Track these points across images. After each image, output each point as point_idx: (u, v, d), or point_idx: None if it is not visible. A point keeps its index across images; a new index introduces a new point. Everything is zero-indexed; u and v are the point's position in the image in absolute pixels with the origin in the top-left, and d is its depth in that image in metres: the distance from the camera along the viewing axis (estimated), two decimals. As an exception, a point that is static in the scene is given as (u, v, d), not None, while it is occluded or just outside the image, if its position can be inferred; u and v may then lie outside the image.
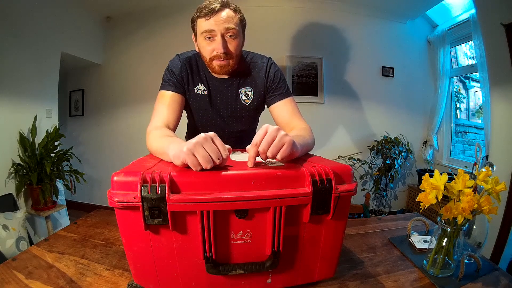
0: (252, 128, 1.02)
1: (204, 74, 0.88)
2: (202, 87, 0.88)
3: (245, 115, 0.93)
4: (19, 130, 1.95)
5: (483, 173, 0.58)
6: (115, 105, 2.91)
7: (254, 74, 0.89)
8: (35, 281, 0.58)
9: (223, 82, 0.88)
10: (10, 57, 1.92)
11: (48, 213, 2.01)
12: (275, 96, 0.88)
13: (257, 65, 0.89)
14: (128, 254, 0.51)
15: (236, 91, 0.89)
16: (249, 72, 0.89)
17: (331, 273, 0.60)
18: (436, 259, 0.63)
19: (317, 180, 0.49)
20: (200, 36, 0.78)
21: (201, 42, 0.79)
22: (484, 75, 2.09)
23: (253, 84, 0.89)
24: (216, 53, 0.76)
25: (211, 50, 0.77)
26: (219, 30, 0.74)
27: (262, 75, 0.89)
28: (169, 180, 0.44)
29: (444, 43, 2.69)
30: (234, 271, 0.50)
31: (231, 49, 0.77)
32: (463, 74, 2.78)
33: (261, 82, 0.89)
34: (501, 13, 1.72)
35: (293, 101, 0.89)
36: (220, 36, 0.75)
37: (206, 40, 0.77)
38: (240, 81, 0.89)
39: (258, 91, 0.90)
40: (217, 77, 0.88)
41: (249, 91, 0.89)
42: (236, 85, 0.89)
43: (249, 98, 0.90)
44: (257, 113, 0.98)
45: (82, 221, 0.94)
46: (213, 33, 0.75)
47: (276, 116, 0.89)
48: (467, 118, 2.88)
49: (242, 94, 0.90)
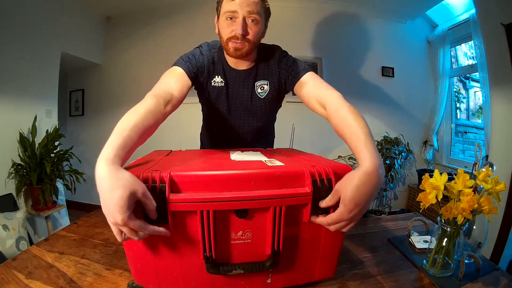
0: (269, 124, 1.01)
1: (222, 65, 0.87)
2: (219, 79, 0.87)
3: (260, 108, 0.92)
4: (19, 130, 1.95)
5: (483, 173, 0.58)
6: (115, 105, 2.91)
7: (271, 66, 0.88)
8: (35, 281, 0.58)
9: (239, 74, 0.87)
10: (10, 57, 1.92)
11: (48, 213, 2.01)
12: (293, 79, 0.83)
13: (272, 57, 0.88)
14: (128, 254, 0.51)
15: (252, 83, 0.88)
16: (267, 64, 0.88)
17: (331, 273, 0.60)
18: (436, 259, 0.63)
19: (317, 180, 0.49)
20: (222, 16, 0.77)
21: (222, 22, 0.78)
22: (484, 75, 2.09)
23: (269, 77, 0.89)
24: (234, 33, 0.75)
25: (230, 30, 0.76)
26: (241, 12, 0.73)
27: (275, 69, 0.88)
28: (169, 180, 0.44)
29: (444, 43, 2.69)
30: (234, 271, 0.50)
31: (251, 33, 0.76)
32: (463, 74, 2.78)
33: (276, 76, 0.89)
34: (501, 13, 1.72)
35: (313, 75, 0.82)
36: (241, 18, 0.74)
37: (227, 20, 0.76)
38: (257, 74, 0.88)
39: (273, 84, 0.89)
40: (234, 68, 0.87)
41: (265, 84, 0.89)
42: (253, 78, 0.88)
43: (265, 91, 0.89)
44: (272, 108, 0.96)
45: (82, 221, 0.94)
46: (235, 14, 0.74)
47: (303, 97, 0.81)
48: (467, 118, 2.88)
49: (258, 87, 0.89)
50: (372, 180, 0.47)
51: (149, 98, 0.62)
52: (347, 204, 0.47)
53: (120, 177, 0.41)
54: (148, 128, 0.54)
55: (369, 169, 0.47)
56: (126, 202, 0.39)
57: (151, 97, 0.62)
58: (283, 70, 0.86)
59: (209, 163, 0.58)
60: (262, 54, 0.88)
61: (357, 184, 0.46)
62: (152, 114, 0.57)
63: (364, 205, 0.48)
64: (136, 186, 0.41)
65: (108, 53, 2.92)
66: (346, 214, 0.47)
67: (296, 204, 0.49)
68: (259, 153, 0.71)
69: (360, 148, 0.52)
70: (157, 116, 0.59)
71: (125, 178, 0.41)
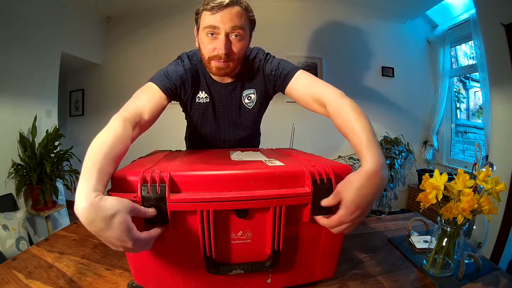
0: (257, 129, 0.98)
1: (205, 80, 0.81)
2: (204, 95, 0.82)
3: (249, 119, 0.88)
4: (19, 130, 1.95)
5: (483, 173, 0.58)
6: (115, 105, 2.87)
7: (256, 73, 0.83)
8: (35, 281, 0.58)
9: (225, 87, 0.82)
10: (11, 57, 1.91)
11: (48, 213, 2.01)
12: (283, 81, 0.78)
13: (255, 64, 0.83)
14: (128, 254, 0.51)
15: (239, 94, 0.84)
16: (252, 72, 0.82)
17: (331, 273, 0.60)
18: (436, 259, 0.63)
19: (317, 180, 0.49)
20: (203, 31, 0.70)
21: (203, 37, 0.71)
22: (484, 75, 2.09)
23: (255, 85, 0.84)
24: (216, 53, 0.69)
25: (212, 48, 0.70)
26: (224, 28, 0.67)
27: (260, 76, 0.83)
28: (169, 180, 0.44)
29: (444, 43, 2.69)
30: (234, 271, 0.50)
31: (234, 50, 0.70)
32: (463, 74, 2.78)
33: (261, 83, 0.84)
34: (501, 13, 1.72)
35: (304, 73, 0.76)
36: (224, 35, 0.67)
37: (208, 36, 0.69)
38: (243, 84, 0.83)
39: (260, 92, 0.85)
40: (219, 82, 0.81)
41: (252, 93, 0.84)
42: (239, 89, 0.83)
43: (252, 101, 0.85)
44: (260, 115, 0.93)
45: (82, 221, 0.94)
46: (216, 30, 0.67)
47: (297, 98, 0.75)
48: (467, 118, 2.88)
49: (245, 97, 0.84)
50: (373, 182, 0.46)
51: (117, 121, 0.57)
52: (348, 207, 0.46)
53: (109, 205, 0.39)
54: (118, 156, 0.50)
55: (370, 170, 0.46)
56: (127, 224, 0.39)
57: (119, 120, 0.57)
58: (269, 76, 0.80)
59: (209, 163, 0.58)
60: (245, 62, 0.82)
61: (358, 186, 0.46)
62: (119, 141, 0.52)
63: (366, 208, 0.47)
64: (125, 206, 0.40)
65: (108, 53, 2.92)
66: (347, 217, 0.46)
67: (296, 204, 0.49)
68: (259, 153, 0.71)
69: (362, 148, 0.50)
70: (126, 142, 0.54)
71: (112, 204, 0.39)
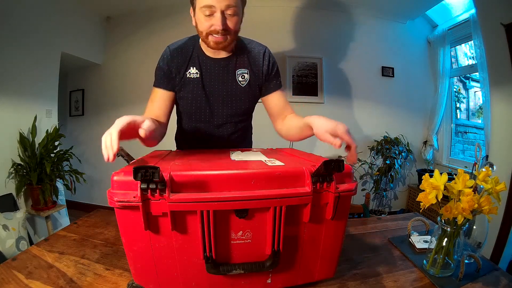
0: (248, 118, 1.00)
1: (197, 57, 0.86)
2: (194, 71, 0.87)
3: (240, 97, 0.91)
4: (19, 130, 1.95)
5: (483, 173, 0.58)
6: (115, 105, 2.90)
7: (251, 58, 0.89)
8: (35, 281, 0.58)
9: (218, 63, 0.87)
10: (10, 57, 1.91)
11: (48, 213, 2.01)
12: (271, 88, 0.92)
13: (253, 50, 0.90)
14: (128, 254, 0.51)
15: (233, 71, 0.88)
16: (247, 54, 0.89)
17: (331, 273, 0.60)
18: (436, 259, 0.63)
19: (318, 179, 0.49)
20: (199, 11, 0.75)
21: (200, 16, 0.76)
22: (484, 75, 2.09)
23: (249, 67, 0.89)
24: (214, 28, 0.75)
25: (209, 25, 0.76)
26: (219, 6, 0.72)
27: (259, 61, 0.89)
28: (169, 180, 0.44)
29: (444, 43, 2.69)
30: (234, 271, 0.50)
31: (230, 26, 0.76)
32: (463, 74, 2.78)
33: (258, 67, 0.89)
34: (501, 13, 1.72)
35: (283, 92, 0.95)
36: (220, 12, 0.73)
37: (204, 15, 0.75)
38: (237, 62, 0.88)
39: (254, 75, 0.90)
40: (211, 57, 0.86)
41: (245, 73, 0.89)
42: (233, 66, 0.88)
43: (245, 80, 0.90)
44: (251, 99, 0.94)
45: (82, 221, 0.94)
46: (213, 9, 0.73)
47: (271, 106, 0.94)
48: (467, 118, 2.88)
49: (238, 75, 0.89)
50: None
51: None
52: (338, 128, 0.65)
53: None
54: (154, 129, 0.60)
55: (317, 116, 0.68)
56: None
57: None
58: (266, 67, 0.90)
59: (209, 163, 0.58)
60: (241, 43, 0.90)
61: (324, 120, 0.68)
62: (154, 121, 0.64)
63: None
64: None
65: (108, 53, 2.92)
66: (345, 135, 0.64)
67: (296, 204, 0.49)
68: (259, 153, 0.71)
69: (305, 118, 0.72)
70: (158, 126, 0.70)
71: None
